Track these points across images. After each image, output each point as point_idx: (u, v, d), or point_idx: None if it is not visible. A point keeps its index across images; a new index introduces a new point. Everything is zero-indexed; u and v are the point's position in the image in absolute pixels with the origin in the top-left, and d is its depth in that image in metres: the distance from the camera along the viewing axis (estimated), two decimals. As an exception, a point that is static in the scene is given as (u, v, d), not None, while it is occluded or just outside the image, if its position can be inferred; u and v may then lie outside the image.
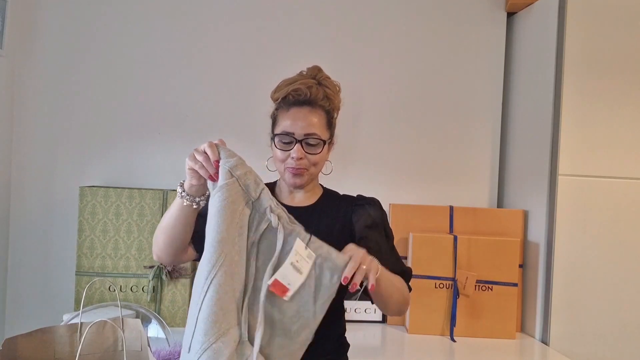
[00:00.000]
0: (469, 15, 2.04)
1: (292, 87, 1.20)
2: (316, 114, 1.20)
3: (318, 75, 1.24)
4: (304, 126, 1.18)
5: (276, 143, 1.21)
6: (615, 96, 1.71)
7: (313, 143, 1.19)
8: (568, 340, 1.70)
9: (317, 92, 1.20)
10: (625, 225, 1.71)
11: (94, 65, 1.92)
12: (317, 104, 1.21)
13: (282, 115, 1.22)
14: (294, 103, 1.20)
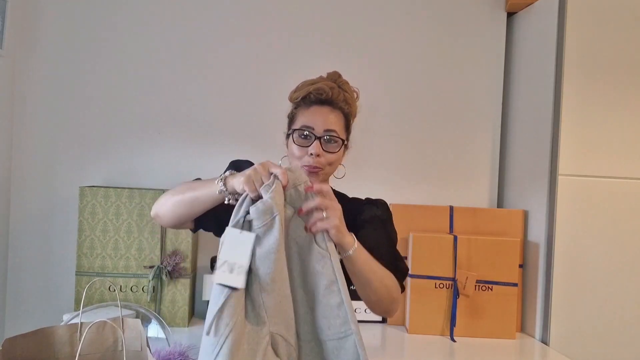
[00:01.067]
0: (469, 15, 2.04)
1: (314, 87, 1.21)
2: (336, 114, 1.22)
3: (338, 79, 1.26)
4: (324, 122, 1.19)
5: (294, 138, 1.21)
6: (615, 96, 1.71)
7: (332, 141, 1.20)
8: (568, 340, 1.70)
9: (338, 93, 1.22)
10: (625, 225, 1.71)
11: (94, 65, 1.92)
12: (337, 105, 1.22)
13: (301, 112, 1.23)
14: (315, 101, 1.22)
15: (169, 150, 1.93)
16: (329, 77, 1.27)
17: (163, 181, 1.90)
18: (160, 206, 1.16)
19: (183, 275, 1.73)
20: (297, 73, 1.34)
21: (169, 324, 1.67)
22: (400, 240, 1.27)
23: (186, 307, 1.73)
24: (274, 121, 1.40)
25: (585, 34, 1.71)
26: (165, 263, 1.71)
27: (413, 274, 1.78)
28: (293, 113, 1.26)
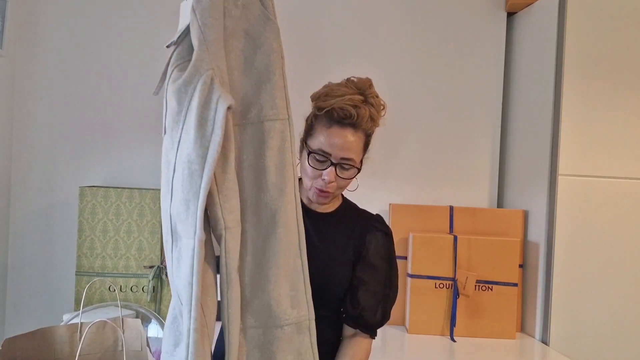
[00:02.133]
0: (469, 15, 2.04)
1: (338, 104, 1.12)
2: (357, 137, 1.15)
3: (367, 91, 1.16)
4: (342, 149, 1.13)
5: (309, 160, 1.16)
6: (615, 96, 1.71)
7: (347, 168, 1.16)
8: (568, 340, 1.70)
9: (363, 113, 1.14)
10: (625, 225, 1.71)
11: (94, 65, 1.92)
12: (360, 127, 1.15)
13: (321, 128, 1.16)
14: (337, 121, 1.14)
15: (169, 150, 1.93)
16: (357, 86, 1.17)
17: (163, 181, 1.90)
18: None
19: None
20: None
21: (169, 324, 1.67)
22: (400, 240, 1.27)
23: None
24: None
25: (585, 33, 1.71)
26: (165, 263, 1.71)
27: (413, 274, 1.78)
28: (312, 122, 1.19)
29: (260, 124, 0.96)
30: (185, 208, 0.88)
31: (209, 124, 0.87)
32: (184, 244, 0.88)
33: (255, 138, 0.97)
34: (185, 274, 0.87)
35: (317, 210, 1.24)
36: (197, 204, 0.86)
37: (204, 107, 0.87)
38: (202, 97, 0.88)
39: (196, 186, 0.86)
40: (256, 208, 0.96)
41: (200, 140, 0.86)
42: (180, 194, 0.88)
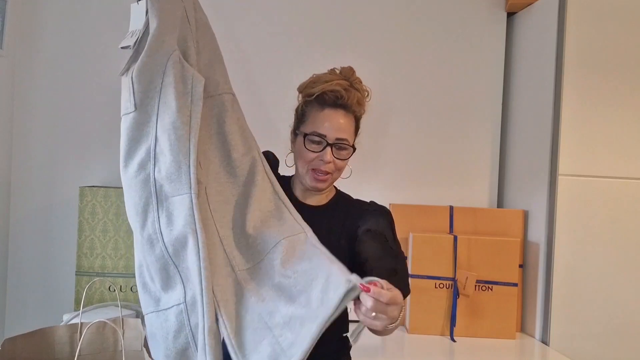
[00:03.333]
0: (469, 15, 2.04)
1: (329, 87, 1.18)
2: (348, 118, 1.20)
3: (352, 77, 1.21)
4: (337, 130, 1.18)
5: (305, 143, 1.19)
6: (615, 96, 1.71)
7: (343, 148, 1.19)
8: (568, 340, 1.71)
9: (352, 96, 1.19)
10: (625, 225, 1.71)
11: (94, 65, 1.92)
12: (350, 109, 1.20)
13: (314, 113, 1.20)
14: (330, 104, 1.19)
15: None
16: (342, 73, 1.22)
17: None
18: None
19: None
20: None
21: (169, 324, 1.67)
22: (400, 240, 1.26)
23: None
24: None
25: (585, 33, 1.71)
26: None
27: (413, 274, 1.78)
28: (303, 110, 1.24)
29: (219, 96, 1.12)
30: (177, 168, 1.00)
31: (188, 96, 1.02)
32: (175, 201, 1.01)
33: (217, 109, 1.12)
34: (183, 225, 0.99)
35: (310, 204, 1.25)
36: (188, 163, 1.00)
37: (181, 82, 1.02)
38: (177, 74, 1.02)
39: (185, 148, 1.00)
40: (229, 168, 1.12)
41: (183, 110, 1.01)
42: (169, 157, 1.01)
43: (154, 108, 1.03)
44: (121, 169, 1.07)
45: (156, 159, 1.02)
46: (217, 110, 1.12)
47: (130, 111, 1.04)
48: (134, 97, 1.03)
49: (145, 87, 1.02)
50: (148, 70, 1.02)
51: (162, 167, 1.02)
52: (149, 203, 1.03)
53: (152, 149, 1.03)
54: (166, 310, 1.03)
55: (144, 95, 1.03)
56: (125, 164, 1.06)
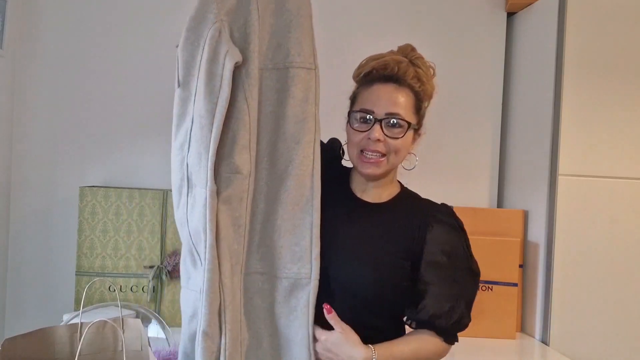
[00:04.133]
0: (469, 15, 2.04)
1: (378, 62, 1.06)
2: (403, 92, 1.05)
3: (410, 53, 1.09)
4: (387, 104, 1.03)
5: (351, 123, 1.06)
6: (615, 96, 1.71)
7: (396, 125, 1.03)
8: (568, 340, 1.70)
9: (406, 68, 1.05)
10: (625, 225, 1.71)
11: (94, 65, 1.91)
12: (405, 82, 1.05)
13: (362, 91, 1.07)
14: (378, 79, 1.06)
15: (169, 150, 1.93)
16: (399, 50, 1.11)
17: (163, 181, 1.89)
18: None
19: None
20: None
21: (169, 324, 1.67)
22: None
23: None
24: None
25: (585, 33, 1.71)
26: (165, 263, 1.71)
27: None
28: (355, 93, 1.11)
29: (285, 70, 0.96)
30: (198, 160, 0.92)
31: (217, 79, 0.89)
32: (198, 192, 0.94)
33: (278, 84, 0.96)
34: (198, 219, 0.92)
35: (366, 200, 1.09)
36: (207, 157, 0.90)
37: (212, 62, 0.90)
38: (210, 52, 0.90)
39: (206, 140, 0.90)
40: (272, 156, 0.98)
41: (209, 96, 0.90)
42: (194, 146, 0.93)
43: (193, 87, 0.95)
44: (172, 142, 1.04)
45: (190, 144, 0.96)
46: (279, 87, 0.96)
47: (176, 87, 0.98)
48: (178, 72, 0.97)
49: (187, 63, 0.94)
50: (190, 45, 0.93)
51: (191, 153, 0.95)
52: (182, 185, 0.99)
53: (189, 131, 0.96)
54: (190, 291, 1.00)
55: (187, 72, 0.95)
56: (175, 138, 1.03)
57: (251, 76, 0.93)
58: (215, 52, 0.90)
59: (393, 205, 1.10)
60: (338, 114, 1.15)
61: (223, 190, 0.93)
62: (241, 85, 0.93)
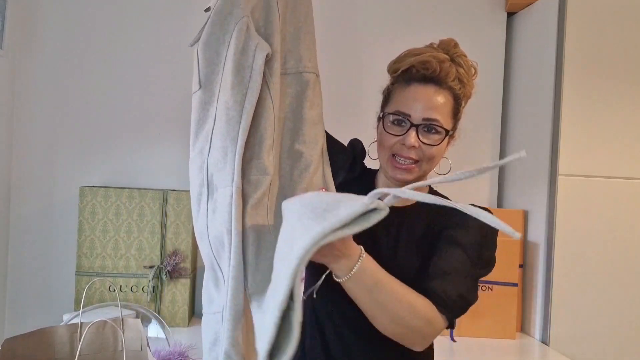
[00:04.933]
0: (469, 15, 2.04)
1: (419, 59, 0.98)
2: (443, 96, 0.98)
3: (452, 50, 1.01)
4: (425, 108, 0.96)
5: (385, 124, 0.99)
6: (615, 96, 1.71)
7: (432, 130, 0.97)
8: (568, 340, 1.70)
9: (449, 69, 0.98)
10: (625, 225, 1.71)
11: (94, 65, 1.92)
12: (445, 85, 0.98)
13: (399, 91, 1.00)
14: (418, 79, 0.98)
15: (169, 150, 1.93)
16: (441, 45, 1.02)
17: (163, 181, 1.90)
18: None
19: (183, 275, 1.73)
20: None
21: (169, 324, 1.67)
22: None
23: (186, 307, 1.73)
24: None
25: (585, 33, 1.71)
26: (165, 263, 1.71)
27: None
28: (389, 89, 1.05)
29: (299, 75, 0.94)
30: (223, 155, 0.85)
31: (247, 70, 0.85)
32: (221, 194, 0.86)
33: (293, 88, 0.94)
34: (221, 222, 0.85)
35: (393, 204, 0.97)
36: (235, 150, 0.83)
37: (241, 53, 0.86)
38: (239, 44, 0.86)
39: (234, 132, 0.84)
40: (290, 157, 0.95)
41: (238, 87, 0.85)
42: (218, 142, 0.86)
43: (217, 86, 0.88)
44: (190, 152, 0.94)
45: (211, 144, 0.88)
46: (295, 90, 0.94)
47: (196, 89, 0.91)
48: (199, 73, 0.90)
49: (210, 61, 0.88)
50: (214, 41, 0.88)
51: (213, 152, 0.87)
52: (202, 193, 0.90)
53: (210, 133, 0.88)
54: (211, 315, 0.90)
55: (210, 71, 0.89)
56: (193, 147, 0.93)
57: (275, 74, 0.89)
58: (245, 45, 0.86)
59: (417, 210, 1.03)
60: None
61: (252, 193, 0.86)
62: (266, 83, 0.88)
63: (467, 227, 0.98)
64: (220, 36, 0.88)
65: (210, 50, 0.89)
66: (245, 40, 0.86)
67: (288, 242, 0.71)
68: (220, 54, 0.88)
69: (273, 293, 0.70)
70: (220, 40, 0.88)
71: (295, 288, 0.66)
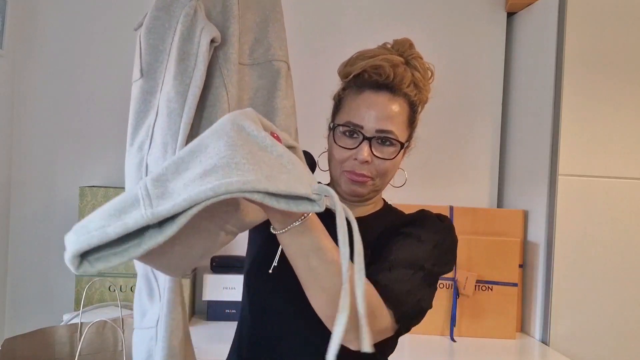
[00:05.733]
0: (469, 15, 2.04)
1: (371, 62, 0.90)
2: (397, 104, 0.90)
3: (408, 52, 0.94)
4: (378, 118, 0.88)
5: (336, 137, 0.90)
6: (615, 96, 1.71)
7: (387, 143, 0.90)
8: (568, 340, 1.70)
9: (403, 74, 0.90)
10: (625, 225, 1.71)
11: (94, 65, 1.92)
12: (400, 91, 0.90)
13: (350, 98, 0.92)
14: (370, 85, 0.90)
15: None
16: (395, 46, 0.95)
17: (163, 181, 1.89)
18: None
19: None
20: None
21: (169, 324, 1.67)
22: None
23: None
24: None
25: (586, 33, 1.71)
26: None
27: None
28: (340, 96, 0.95)
29: (269, 64, 0.87)
30: (163, 153, 0.75)
31: (191, 59, 0.77)
32: None
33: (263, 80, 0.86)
34: None
35: None
36: (175, 146, 0.74)
37: (186, 40, 0.78)
38: (184, 30, 0.78)
39: (175, 127, 0.75)
40: None
41: (181, 77, 0.76)
42: (159, 138, 0.77)
43: (161, 74, 0.81)
44: (127, 147, 0.85)
45: (152, 139, 0.79)
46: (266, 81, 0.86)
47: (137, 78, 0.83)
48: (141, 60, 0.82)
49: (154, 48, 0.81)
50: (159, 27, 0.81)
51: (153, 150, 0.79)
52: None
53: (151, 127, 0.80)
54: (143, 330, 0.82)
55: (153, 59, 0.81)
56: (131, 141, 0.84)
57: (230, 61, 0.80)
58: (189, 31, 0.78)
59: (372, 219, 0.95)
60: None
61: None
62: (219, 70, 0.80)
63: (423, 226, 0.91)
64: (166, 21, 0.81)
65: (154, 37, 0.82)
66: (191, 26, 0.78)
67: (210, 155, 0.61)
68: (165, 40, 0.81)
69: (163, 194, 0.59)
70: (165, 26, 0.81)
71: (183, 216, 0.56)
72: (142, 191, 0.58)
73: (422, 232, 0.89)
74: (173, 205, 0.56)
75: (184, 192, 0.57)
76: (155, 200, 0.57)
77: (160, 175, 0.61)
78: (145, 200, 0.57)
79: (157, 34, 0.81)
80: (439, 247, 0.89)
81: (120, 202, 0.58)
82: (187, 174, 0.60)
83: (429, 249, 0.87)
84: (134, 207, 0.57)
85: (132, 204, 0.57)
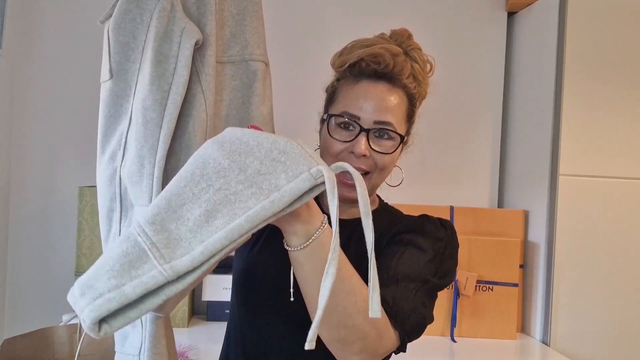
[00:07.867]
0: (469, 15, 2.04)
1: (369, 51, 0.83)
2: (396, 95, 0.85)
3: (407, 42, 0.87)
4: (376, 109, 0.82)
5: (330, 128, 0.84)
6: (615, 96, 1.71)
7: (385, 136, 0.84)
8: (569, 340, 1.70)
9: (403, 64, 0.84)
10: (625, 225, 1.71)
11: (94, 65, 1.90)
12: (399, 82, 0.85)
13: (345, 88, 0.86)
14: (368, 74, 0.84)
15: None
16: (393, 36, 0.88)
17: (163, 181, 1.89)
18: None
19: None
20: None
21: (169, 324, 1.67)
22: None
23: (186, 307, 1.73)
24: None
25: (586, 33, 1.71)
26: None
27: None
28: (334, 87, 0.89)
29: (245, 63, 0.78)
30: (139, 167, 0.69)
31: (170, 61, 0.70)
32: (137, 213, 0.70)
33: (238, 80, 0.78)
34: None
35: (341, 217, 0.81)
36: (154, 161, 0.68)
37: (163, 40, 0.70)
38: (160, 28, 0.70)
39: (153, 139, 0.68)
40: None
41: (159, 82, 0.69)
42: (134, 150, 0.70)
43: (133, 77, 0.73)
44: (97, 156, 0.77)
45: (126, 149, 0.72)
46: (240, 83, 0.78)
47: (106, 79, 0.74)
48: (110, 59, 0.73)
49: (125, 45, 0.72)
50: (130, 22, 0.72)
51: (127, 162, 0.72)
52: (112, 209, 0.74)
53: (124, 135, 0.73)
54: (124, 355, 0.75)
55: (123, 58, 0.73)
56: (102, 150, 0.75)
57: (208, 64, 0.73)
58: (167, 29, 0.70)
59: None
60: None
61: None
62: (197, 75, 0.72)
63: (424, 234, 0.85)
64: (137, 15, 0.71)
65: (124, 33, 0.72)
66: (169, 24, 0.70)
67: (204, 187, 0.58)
68: (137, 37, 0.72)
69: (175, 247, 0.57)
70: (137, 21, 0.71)
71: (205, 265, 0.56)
72: (143, 238, 0.56)
73: (423, 241, 0.84)
74: (192, 261, 0.55)
75: (194, 241, 0.56)
76: (164, 251, 0.55)
77: (155, 216, 0.58)
78: (154, 251, 0.55)
79: (127, 29, 0.72)
80: (440, 255, 0.85)
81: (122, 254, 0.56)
82: (185, 214, 0.58)
83: (431, 258, 0.83)
84: (144, 261, 0.55)
85: (139, 257, 0.55)
